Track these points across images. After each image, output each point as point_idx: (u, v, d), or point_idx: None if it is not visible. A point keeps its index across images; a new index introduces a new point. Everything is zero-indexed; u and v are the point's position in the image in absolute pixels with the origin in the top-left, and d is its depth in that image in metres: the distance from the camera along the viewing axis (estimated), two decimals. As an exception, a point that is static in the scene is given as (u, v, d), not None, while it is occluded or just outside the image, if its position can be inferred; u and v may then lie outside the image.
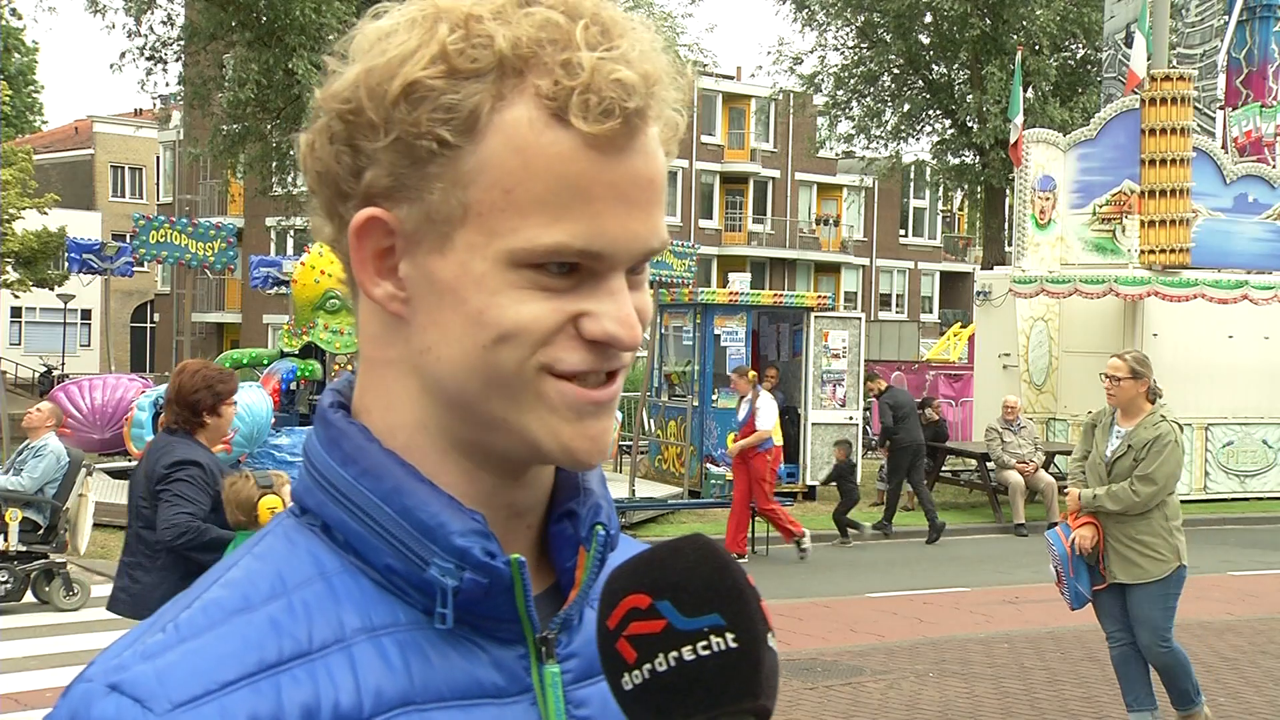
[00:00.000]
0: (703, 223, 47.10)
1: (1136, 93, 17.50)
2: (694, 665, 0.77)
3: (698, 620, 0.77)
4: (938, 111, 31.06)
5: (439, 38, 0.82)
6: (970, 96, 29.26)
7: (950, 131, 30.90)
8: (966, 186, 34.10)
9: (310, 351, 15.89)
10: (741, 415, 12.77)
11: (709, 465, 15.55)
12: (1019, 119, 17.57)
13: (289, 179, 26.24)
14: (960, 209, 51.90)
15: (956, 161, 31.36)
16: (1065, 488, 7.37)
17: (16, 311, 44.88)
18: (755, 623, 0.79)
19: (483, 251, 0.83)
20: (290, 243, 37.75)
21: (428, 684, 0.85)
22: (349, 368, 15.38)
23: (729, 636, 0.77)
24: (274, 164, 25.36)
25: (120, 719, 0.78)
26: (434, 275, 0.85)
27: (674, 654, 0.77)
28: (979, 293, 18.89)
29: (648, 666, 0.77)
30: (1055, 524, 7.36)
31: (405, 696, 0.84)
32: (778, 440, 12.77)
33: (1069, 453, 9.21)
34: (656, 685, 0.77)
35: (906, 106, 31.41)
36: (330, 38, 20.72)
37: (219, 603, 0.85)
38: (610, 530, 0.93)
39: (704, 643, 0.77)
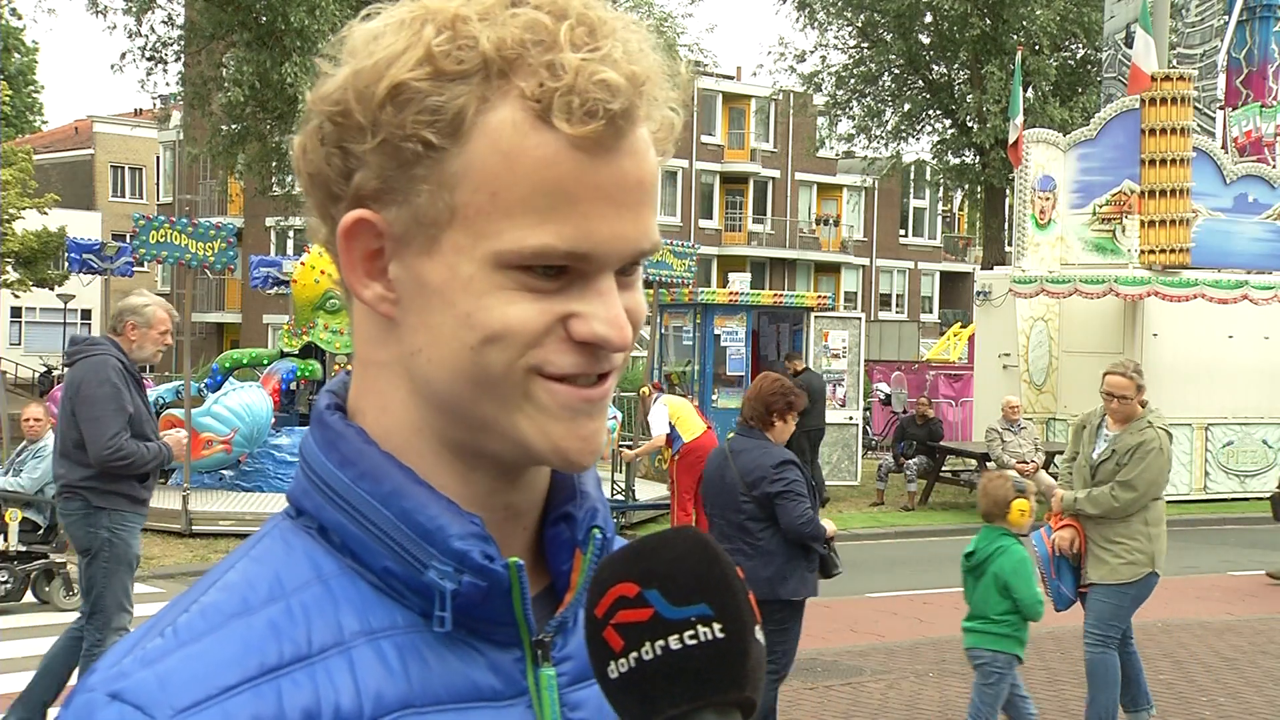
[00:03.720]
0: (703, 223, 47.09)
1: (1144, 94, 17.45)
2: (680, 654, 0.76)
3: (685, 610, 0.77)
4: (938, 111, 31.06)
5: (425, 39, 0.82)
6: (970, 96, 29.25)
7: (950, 131, 30.89)
8: (966, 186, 34.10)
9: (310, 351, 15.88)
10: (658, 430, 12.31)
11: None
12: (1019, 119, 17.56)
13: (288, 179, 26.25)
14: (960, 209, 51.91)
15: (956, 161, 31.36)
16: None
17: (16, 311, 44.89)
18: (743, 614, 0.78)
19: (470, 254, 0.83)
20: (290, 243, 37.76)
21: (426, 687, 0.85)
22: (348, 368, 15.38)
23: (716, 627, 0.77)
24: (273, 164, 25.36)
25: None
26: (423, 277, 0.85)
27: (661, 643, 0.76)
28: (979, 293, 18.89)
29: (634, 655, 0.77)
30: (1039, 525, 7.34)
31: (405, 699, 0.83)
32: (688, 436, 12.12)
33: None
34: (642, 674, 0.77)
35: (906, 106, 31.41)
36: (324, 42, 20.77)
37: (217, 606, 0.84)
38: (607, 534, 0.93)
39: (691, 632, 0.76)
